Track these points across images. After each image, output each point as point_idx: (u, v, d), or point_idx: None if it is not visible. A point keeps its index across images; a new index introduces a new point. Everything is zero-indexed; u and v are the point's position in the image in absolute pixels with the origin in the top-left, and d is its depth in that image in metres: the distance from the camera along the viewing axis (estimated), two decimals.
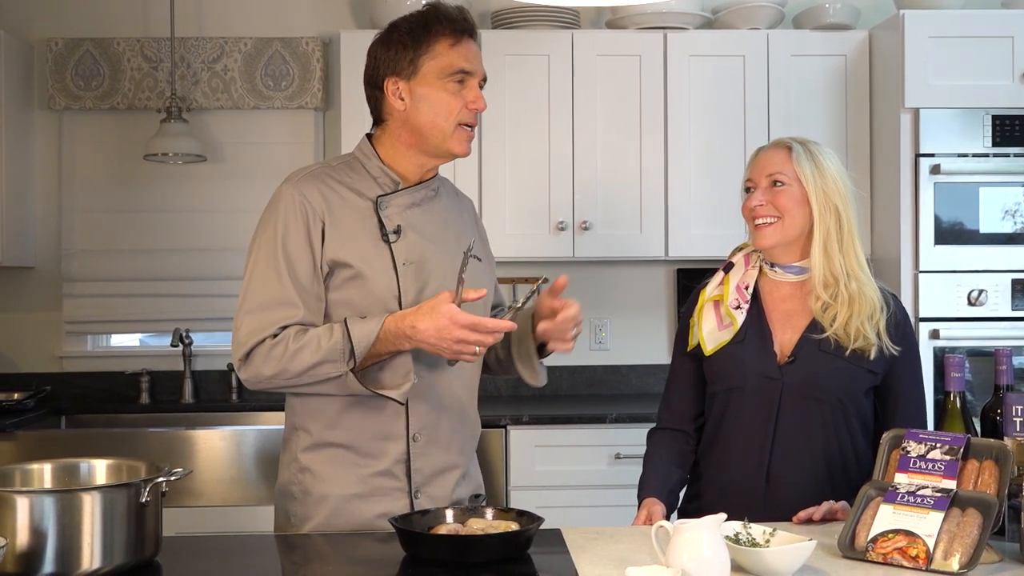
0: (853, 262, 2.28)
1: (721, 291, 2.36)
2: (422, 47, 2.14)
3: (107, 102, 4.40)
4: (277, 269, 2.11)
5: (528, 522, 1.93)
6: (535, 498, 3.72)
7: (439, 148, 2.19)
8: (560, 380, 4.44)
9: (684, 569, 1.66)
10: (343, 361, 2.05)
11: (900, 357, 2.27)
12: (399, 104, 2.17)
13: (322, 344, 2.05)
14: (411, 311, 2.04)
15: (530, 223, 4.13)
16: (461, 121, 2.17)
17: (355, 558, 2.01)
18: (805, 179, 2.28)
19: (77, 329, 4.48)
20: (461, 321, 1.99)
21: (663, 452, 2.38)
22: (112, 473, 1.98)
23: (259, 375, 2.10)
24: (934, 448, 1.92)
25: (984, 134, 3.84)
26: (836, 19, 4.14)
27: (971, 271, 3.84)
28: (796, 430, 2.25)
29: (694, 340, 2.36)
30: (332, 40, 4.44)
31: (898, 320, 2.30)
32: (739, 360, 2.29)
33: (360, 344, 2.04)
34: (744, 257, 2.40)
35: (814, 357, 2.25)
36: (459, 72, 2.15)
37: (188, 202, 4.46)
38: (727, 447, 2.31)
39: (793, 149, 2.31)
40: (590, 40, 4.16)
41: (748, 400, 2.28)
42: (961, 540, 1.78)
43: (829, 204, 2.27)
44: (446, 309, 2.00)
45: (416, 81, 2.15)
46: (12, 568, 1.71)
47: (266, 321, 2.09)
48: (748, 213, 2.33)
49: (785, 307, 2.33)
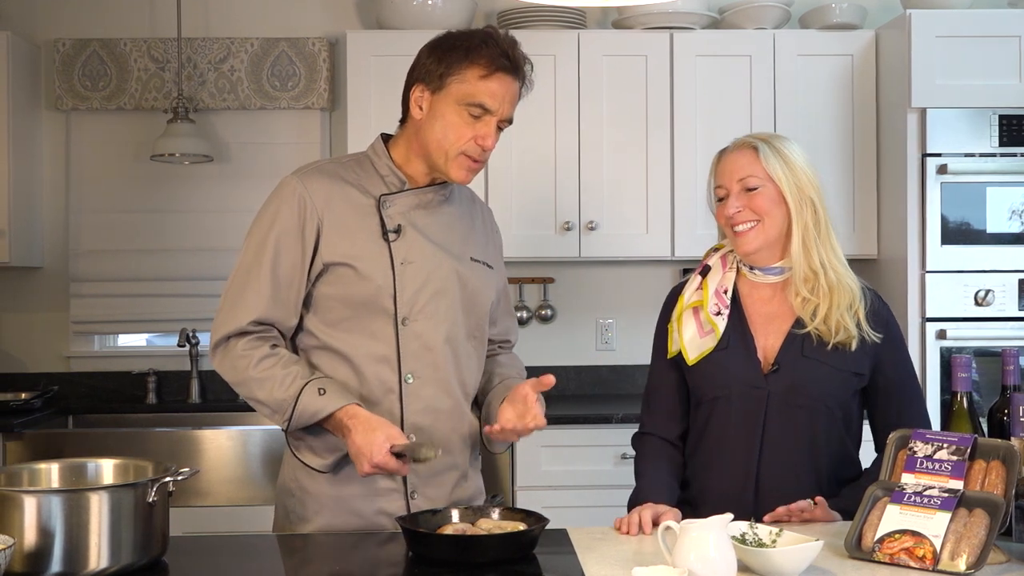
0: (830, 253, 2.25)
1: (700, 296, 2.30)
2: (454, 67, 2.12)
3: (114, 102, 4.40)
4: (260, 259, 2.15)
5: (534, 522, 1.93)
6: (541, 498, 3.72)
7: (439, 168, 2.19)
8: (566, 380, 4.44)
9: (691, 569, 1.66)
10: (283, 418, 2.13)
11: (884, 352, 2.25)
12: (417, 113, 2.18)
13: (275, 393, 2.11)
14: (363, 418, 2.07)
15: (536, 223, 4.13)
16: (465, 152, 2.15)
17: (360, 558, 2.02)
18: (777, 177, 2.23)
19: (84, 329, 4.49)
20: (375, 460, 2.04)
21: (662, 464, 2.31)
22: (119, 473, 1.98)
23: (221, 373, 2.18)
24: (941, 448, 1.92)
25: (991, 134, 3.83)
26: (843, 19, 4.13)
27: (978, 271, 3.83)
28: (783, 437, 2.21)
29: (674, 347, 2.31)
30: (338, 40, 4.44)
31: (877, 309, 2.27)
32: (723, 368, 2.25)
33: (301, 416, 2.11)
34: (721, 259, 2.34)
35: (798, 364, 2.21)
36: (478, 105, 2.13)
37: (195, 202, 4.47)
38: (714, 455, 2.26)
39: (759, 149, 2.25)
40: (596, 40, 4.15)
41: (734, 409, 2.24)
42: (968, 540, 1.77)
43: (804, 198, 2.24)
44: (379, 441, 2.04)
45: (438, 97, 2.14)
46: (20, 567, 1.72)
47: (237, 315, 2.15)
48: (725, 221, 2.27)
49: (766, 310, 2.29)
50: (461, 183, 2.22)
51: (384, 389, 2.16)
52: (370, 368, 2.16)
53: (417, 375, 2.17)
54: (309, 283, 2.17)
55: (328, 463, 2.17)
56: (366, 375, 2.16)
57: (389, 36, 4.09)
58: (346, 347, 2.17)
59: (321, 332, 2.18)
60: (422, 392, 2.18)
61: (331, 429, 2.12)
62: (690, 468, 2.33)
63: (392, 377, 2.17)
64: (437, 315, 2.19)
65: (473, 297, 2.25)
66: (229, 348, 2.15)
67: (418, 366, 2.17)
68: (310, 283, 2.17)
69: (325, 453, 2.17)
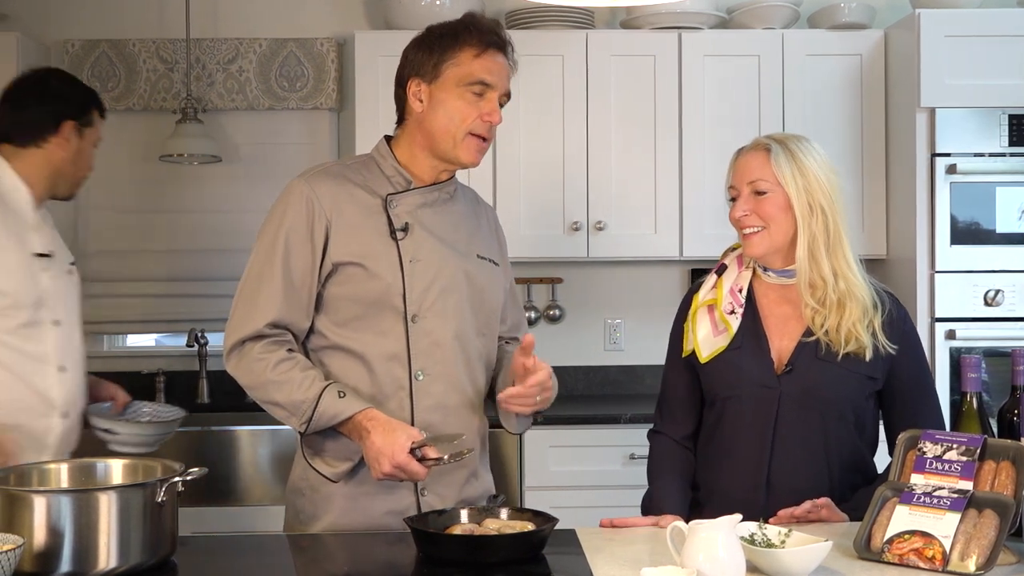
0: (842, 262, 2.20)
1: (715, 295, 2.29)
2: (447, 53, 2.17)
3: (123, 103, 4.41)
4: (272, 262, 2.16)
5: (543, 522, 1.93)
6: (549, 498, 3.72)
7: (448, 154, 2.21)
8: (574, 381, 4.44)
9: (699, 570, 1.66)
10: (301, 421, 2.12)
11: (900, 358, 2.22)
12: (417, 106, 2.20)
13: (294, 395, 2.11)
14: (382, 420, 2.08)
15: (544, 223, 4.13)
16: (473, 131, 2.18)
17: (369, 558, 2.02)
18: (785, 183, 2.19)
19: (93, 329, 4.49)
20: (397, 460, 2.04)
21: (677, 468, 2.30)
22: (128, 473, 1.99)
23: (236, 377, 2.18)
24: (950, 449, 1.91)
25: (1000, 133, 3.82)
26: (851, 18, 4.12)
27: (987, 271, 3.82)
28: (795, 439, 2.20)
29: (688, 346, 2.30)
30: (347, 41, 4.44)
31: (894, 318, 2.23)
32: (736, 368, 2.23)
33: (321, 419, 2.11)
34: (737, 258, 2.33)
35: (812, 365, 2.20)
36: (478, 83, 2.17)
37: (203, 202, 4.47)
38: (726, 456, 2.25)
39: (772, 152, 2.22)
40: (604, 40, 4.15)
41: (745, 409, 2.22)
42: (978, 541, 1.77)
43: (814, 205, 2.19)
44: (400, 442, 2.04)
45: (436, 85, 2.18)
46: (29, 567, 1.72)
47: (252, 318, 2.15)
48: (734, 222, 2.26)
49: (780, 311, 2.27)
50: (472, 165, 2.24)
51: (395, 386, 2.17)
52: (381, 366, 2.17)
53: (427, 372, 2.18)
54: (319, 284, 2.18)
55: (340, 472, 2.18)
56: (378, 373, 2.17)
57: (397, 36, 4.04)
58: (358, 346, 2.17)
59: (331, 332, 2.19)
60: (432, 389, 2.19)
61: (347, 433, 2.12)
62: (701, 470, 2.32)
63: (403, 374, 2.18)
64: (446, 312, 2.20)
65: (481, 294, 2.27)
66: (245, 352, 2.15)
67: (428, 363, 2.18)
68: (320, 284, 2.18)
69: (337, 462, 2.18)
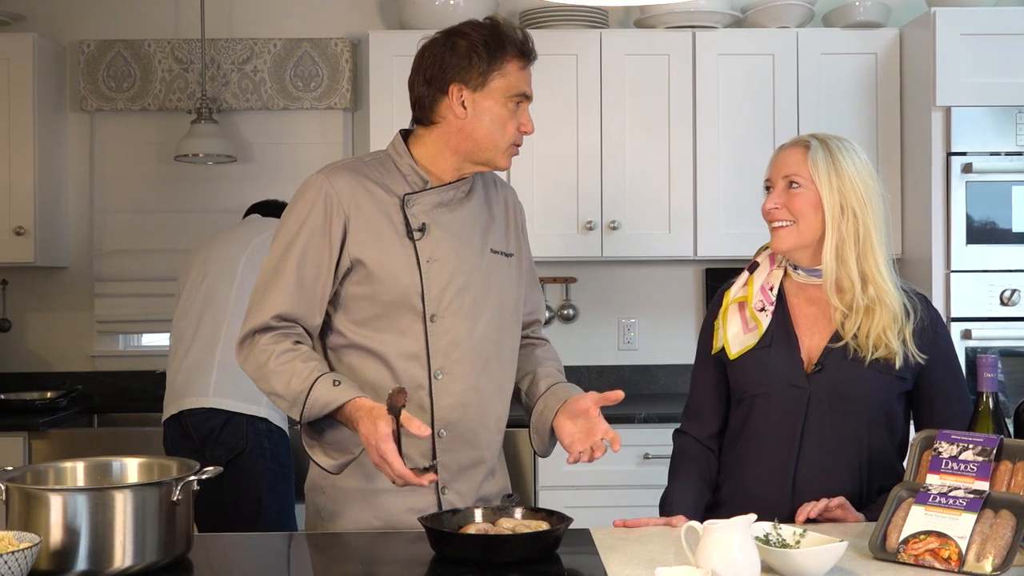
0: (872, 268, 2.18)
1: (746, 292, 2.29)
2: (496, 63, 2.17)
3: (138, 103, 4.43)
4: (287, 257, 2.16)
5: (557, 522, 1.93)
6: (564, 498, 3.72)
7: (487, 160, 2.23)
8: (588, 380, 4.44)
9: (714, 570, 1.65)
10: (298, 410, 2.11)
11: (931, 363, 2.20)
12: (460, 111, 2.19)
13: (292, 385, 2.10)
14: (367, 408, 2.04)
15: (558, 223, 4.13)
16: (514, 141, 2.22)
17: (385, 557, 2.02)
18: (819, 181, 2.18)
19: (109, 329, 4.52)
20: (380, 449, 1.98)
21: (694, 469, 2.31)
22: (144, 472, 1.99)
23: (244, 368, 2.19)
24: (966, 449, 1.90)
25: (1017, 132, 3.81)
26: (866, 17, 4.11)
27: (1003, 271, 3.80)
28: (823, 438, 2.18)
29: (718, 343, 2.29)
30: (361, 41, 4.45)
31: (926, 325, 2.21)
32: (765, 366, 2.22)
33: (314, 407, 2.09)
34: (769, 257, 2.32)
35: (842, 365, 2.18)
36: (521, 95, 2.20)
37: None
38: (752, 455, 2.24)
39: (810, 148, 2.22)
40: (618, 39, 4.15)
41: (773, 407, 2.21)
42: (994, 542, 1.76)
43: (846, 207, 2.17)
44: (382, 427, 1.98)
45: (482, 94, 2.18)
46: (46, 565, 1.73)
47: (261, 311, 2.16)
48: (765, 214, 2.26)
49: (811, 311, 2.25)
50: (505, 169, 2.26)
51: (414, 385, 2.18)
52: (401, 365, 2.18)
53: (446, 371, 2.18)
54: (336, 281, 2.18)
55: (339, 464, 2.16)
56: (397, 372, 2.17)
57: (411, 36, 4.08)
58: (377, 345, 2.18)
59: (350, 331, 2.20)
60: (451, 387, 2.19)
61: (345, 423, 2.11)
62: (725, 468, 2.31)
63: (422, 373, 2.18)
64: (464, 311, 2.20)
65: (499, 290, 2.27)
66: (253, 343, 2.16)
67: (447, 362, 2.19)
68: (337, 281, 2.18)
69: (336, 453, 2.17)
